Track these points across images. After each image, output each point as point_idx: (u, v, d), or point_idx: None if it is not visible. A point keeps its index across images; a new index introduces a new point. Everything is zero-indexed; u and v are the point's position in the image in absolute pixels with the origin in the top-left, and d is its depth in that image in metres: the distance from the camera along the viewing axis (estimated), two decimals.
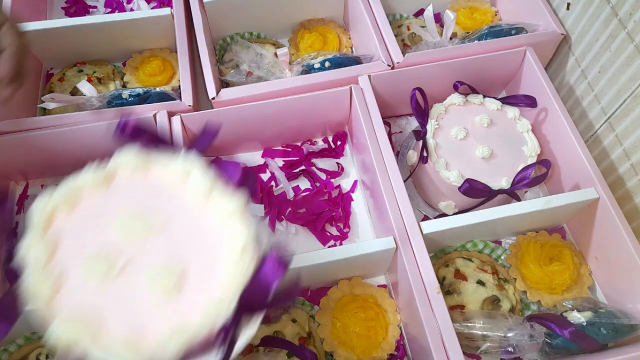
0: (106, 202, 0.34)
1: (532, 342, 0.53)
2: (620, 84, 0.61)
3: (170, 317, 0.30)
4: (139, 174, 0.35)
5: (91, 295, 0.30)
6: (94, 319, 0.29)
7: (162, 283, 0.31)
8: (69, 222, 0.33)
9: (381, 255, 0.56)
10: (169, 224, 0.33)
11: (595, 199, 0.58)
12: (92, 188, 0.34)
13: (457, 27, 0.81)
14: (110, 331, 0.29)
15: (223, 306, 0.29)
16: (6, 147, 0.61)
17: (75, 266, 0.31)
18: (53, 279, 0.30)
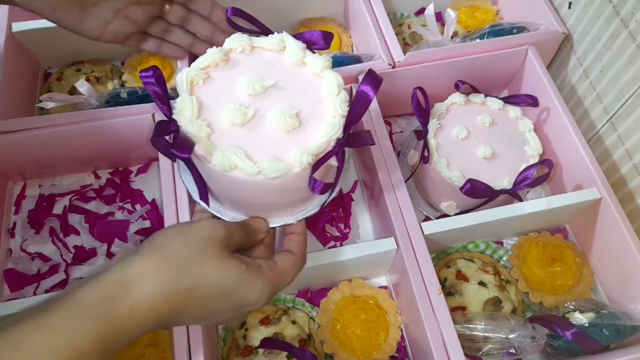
0: (228, 72, 0.43)
1: (534, 344, 0.53)
2: (623, 83, 0.60)
3: (297, 143, 0.40)
4: (247, 51, 0.44)
5: (235, 137, 0.39)
6: (242, 152, 0.38)
7: (286, 122, 0.40)
8: (205, 89, 0.41)
9: (382, 256, 0.55)
10: (278, 83, 0.43)
11: (597, 200, 0.58)
12: (215, 64, 0.43)
13: (458, 26, 0.80)
14: (255, 158, 0.38)
15: (334, 127, 0.40)
16: (4, 146, 0.60)
17: (217, 117, 0.40)
18: (205, 126, 0.39)
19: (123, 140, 0.64)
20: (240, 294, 0.37)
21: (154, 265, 0.35)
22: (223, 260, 0.37)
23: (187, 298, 0.35)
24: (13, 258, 0.64)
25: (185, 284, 0.35)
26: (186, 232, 0.37)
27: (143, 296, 0.33)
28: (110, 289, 0.33)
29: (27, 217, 0.67)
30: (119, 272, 0.34)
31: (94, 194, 0.69)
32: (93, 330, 0.31)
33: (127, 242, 0.65)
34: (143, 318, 0.33)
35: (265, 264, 0.40)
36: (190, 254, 0.36)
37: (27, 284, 0.62)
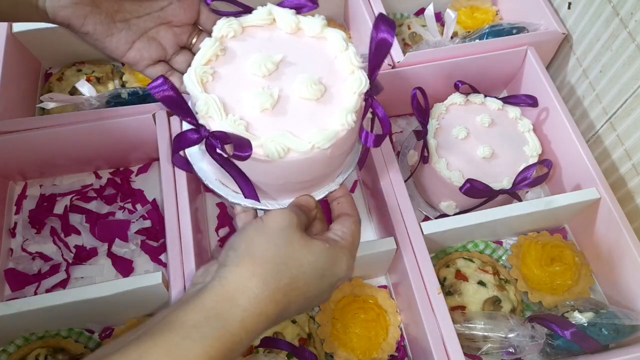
0: (232, 62, 0.41)
1: (533, 343, 0.53)
2: (622, 83, 0.60)
3: (332, 107, 0.39)
4: (239, 34, 0.43)
5: (272, 122, 0.39)
6: (289, 134, 0.38)
7: (314, 90, 0.39)
8: (217, 85, 0.40)
9: (382, 256, 0.56)
10: (286, 57, 0.42)
11: (596, 199, 0.58)
12: (215, 56, 0.41)
13: (458, 27, 0.80)
14: (302, 135, 0.38)
15: (360, 82, 0.40)
16: (5, 146, 0.61)
17: (245, 108, 0.39)
18: (239, 119, 0.38)
19: (124, 140, 0.64)
20: (333, 272, 0.38)
21: (251, 271, 0.35)
22: (309, 244, 0.37)
23: (289, 292, 0.36)
24: (14, 258, 0.64)
25: (285, 279, 0.35)
26: (264, 229, 0.37)
27: (250, 304, 0.33)
28: (216, 306, 0.33)
29: (28, 217, 0.67)
30: (219, 288, 0.34)
31: (95, 193, 0.69)
32: (205, 350, 0.31)
33: (128, 241, 0.65)
34: (254, 325, 0.34)
35: (336, 236, 0.40)
36: (279, 250, 0.36)
37: (28, 284, 0.62)
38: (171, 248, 0.52)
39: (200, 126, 0.38)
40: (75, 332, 0.58)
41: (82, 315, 0.55)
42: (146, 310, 0.57)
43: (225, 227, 0.67)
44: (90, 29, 0.40)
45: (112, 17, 0.41)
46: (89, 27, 0.40)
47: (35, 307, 0.49)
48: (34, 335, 0.56)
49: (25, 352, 0.55)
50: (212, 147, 0.37)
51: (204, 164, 0.45)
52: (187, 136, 0.38)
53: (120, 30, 0.42)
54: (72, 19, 0.40)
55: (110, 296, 0.50)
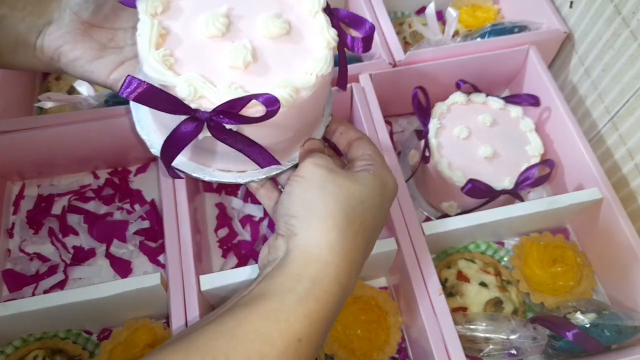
0: (182, 11, 0.37)
1: (535, 344, 0.52)
2: (624, 82, 0.60)
3: (302, 54, 0.36)
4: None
5: (238, 75, 0.34)
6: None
7: (279, 26, 0.36)
8: (172, 13, 0.36)
9: (382, 257, 0.55)
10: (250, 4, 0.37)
11: (599, 199, 0.58)
12: (161, 11, 0.36)
13: (459, 25, 0.80)
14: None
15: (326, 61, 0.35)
16: (2, 146, 0.60)
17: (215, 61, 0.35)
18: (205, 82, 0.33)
19: (122, 140, 0.63)
20: (387, 194, 0.38)
21: (325, 228, 0.34)
22: (356, 179, 0.36)
23: (365, 230, 0.35)
24: (12, 258, 0.64)
25: (357, 220, 0.35)
26: (310, 185, 0.35)
27: (340, 258, 0.33)
28: (307, 269, 0.33)
29: (25, 218, 0.67)
30: (303, 254, 0.33)
31: (93, 194, 0.68)
32: (305, 312, 0.31)
33: (126, 242, 0.65)
34: (348, 278, 0.34)
35: (366, 162, 0.39)
36: (336, 196, 0.35)
37: (25, 285, 0.62)
38: (170, 249, 0.52)
39: (196, 111, 0.32)
40: (73, 333, 0.57)
41: (80, 317, 0.55)
42: (145, 311, 0.57)
43: (225, 228, 0.66)
44: (79, 54, 0.40)
45: (105, 45, 0.41)
46: (78, 52, 0.40)
47: (33, 308, 0.49)
48: (32, 336, 0.56)
49: (23, 353, 0.54)
50: (220, 129, 0.33)
51: (190, 162, 0.40)
52: (181, 132, 0.33)
53: (110, 54, 0.42)
54: (63, 45, 0.40)
55: (108, 297, 0.49)
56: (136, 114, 0.40)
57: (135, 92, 0.31)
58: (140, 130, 0.40)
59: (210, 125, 0.33)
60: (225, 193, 0.69)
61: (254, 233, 0.66)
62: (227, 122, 0.32)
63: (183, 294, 0.50)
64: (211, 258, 0.64)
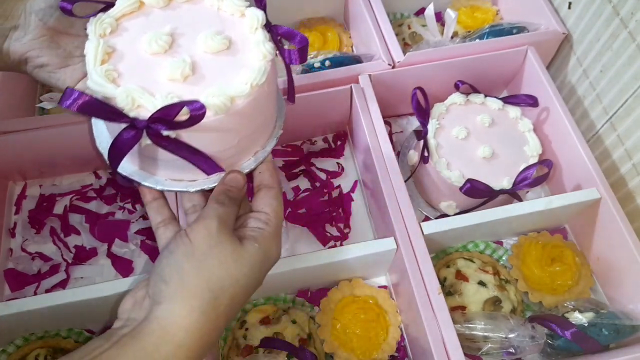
0: (166, 13, 0.40)
1: (533, 343, 0.53)
2: (622, 83, 0.60)
3: (238, 65, 0.37)
4: (136, 11, 0.40)
5: (179, 88, 0.36)
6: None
7: (219, 43, 0.38)
8: (132, 19, 0.39)
9: (382, 256, 0.56)
10: (191, 24, 0.40)
11: (596, 199, 0.58)
12: (128, 14, 0.40)
13: (458, 26, 0.80)
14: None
15: (260, 73, 0.37)
16: (4, 146, 0.61)
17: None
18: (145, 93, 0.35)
19: None
20: (266, 266, 0.38)
21: (189, 307, 0.34)
22: (240, 253, 0.36)
23: (229, 311, 0.36)
24: (14, 258, 0.64)
25: (224, 302, 0.35)
26: (193, 253, 0.35)
27: (194, 342, 0.33)
28: (157, 349, 0.32)
29: (27, 217, 0.67)
30: (158, 330, 0.33)
31: (95, 193, 0.69)
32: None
33: (128, 242, 0.65)
34: (198, 356, 0.34)
35: (261, 223, 0.39)
36: (212, 274, 0.35)
37: (27, 284, 0.62)
38: None
39: (134, 119, 0.34)
40: (75, 332, 0.58)
41: (82, 316, 0.55)
42: None
43: None
44: (45, 60, 0.41)
45: (71, 53, 0.42)
46: (45, 59, 0.41)
47: (34, 307, 0.49)
48: (34, 335, 0.56)
49: (24, 352, 0.55)
50: (158, 135, 0.34)
51: (142, 171, 0.42)
52: (122, 139, 0.35)
53: (77, 63, 0.42)
54: (29, 51, 0.40)
55: (110, 296, 0.50)
56: (96, 127, 0.42)
57: (76, 104, 0.33)
58: (99, 144, 0.42)
59: (149, 132, 0.34)
60: None
61: None
62: (162, 129, 0.34)
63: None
64: None
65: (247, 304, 0.59)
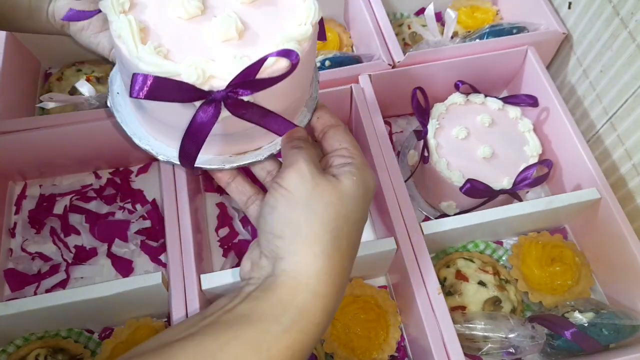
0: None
1: (533, 343, 0.53)
2: (622, 83, 0.60)
3: (239, 51, 0.32)
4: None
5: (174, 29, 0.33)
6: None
7: (228, 30, 0.33)
8: (137, 7, 0.34)
9: (382, 256, 0.56)
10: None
11: (597, 199, 0.58)
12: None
13: (458, 26, 0.80)
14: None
15: None
16: (4, 146, 0.61)
17: None
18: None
19: (123, 140, 0.64)
20: (368, 196, 0.36)
21: (312, 253, 0.32)
22: (339, 189, 0.34)
23: (350, 249, 0.34)
24: (14, 258, 0.64)
25: (342, 240, 0.33)
26: (295, 200, 0.33)
27: (328, 287, 0.32)
28: (295, 299, 0.31)
29: (27, 217, 0.67)
30: (290, 281, 0.32)
31: (95, 193, 0.69)
32: (287, 344, 0.30)
33: (128, 242, 0.65)
34: (334, 306, 0.33)
35: (347, 158, 0.37)
36: (322, 216, 0.33)
37: (27, 284, 0.62)
38: (171, 248, 0.52)
39: (210, 92, 0.30)
40: (75, 332, 0.58)
41: (82, 316, 0.55)
42: (146, 310, 0.57)
43: (225, 227, 0.67)
44: (85, 24, 0.42)
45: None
46: (84, 23, 0.41)
47: (34, 307, 0.49)
48: (34, 335, 0.56)
49: (24, 352, 0.55)
50: (238, 104, 0.31)
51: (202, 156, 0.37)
52: (200, 121, 0.31)
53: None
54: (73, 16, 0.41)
55: (110, 296, 0.50)
56: (128, 127, 0.38)
57: (145, 89, 0.29)
58: (140, 142, 0.38)
59: (228, 103, 0.31)
60: (226, 193, 0.69)
61: (255, 233, 0.66)
62: (246, 94, 0.31)
63: (184, 293, 0.50)
64: (212, 257, 0.64)
65: None
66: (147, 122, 0.37)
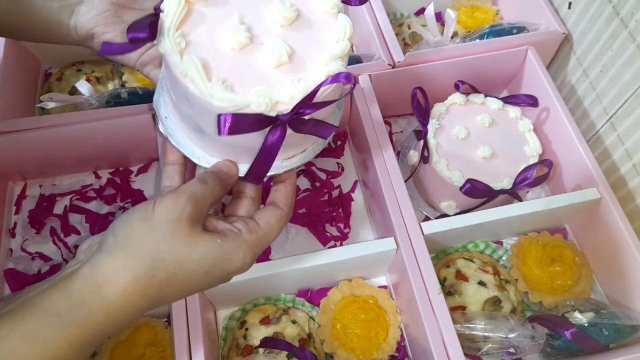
0: (214, 4, 0.38)
1: (533, 343, 0.53)
2: (622, 83, 0.60)
3: (292, 73, 0.36)
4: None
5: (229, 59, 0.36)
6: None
7: (290, 13, 0.37)
8: (191, 24, 0.37)
9: (382, 256, 0.56)
10: None
11: (596, 199, 0.58)
12: (183, 19, 0.37)
13: (458, 26, 0.80)
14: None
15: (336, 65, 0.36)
16: (4, 146, 0.61)
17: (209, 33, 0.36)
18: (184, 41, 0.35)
19: (123, 140, 0.64)
20: (221, 267, 0.37)
21: (123, 264, 0.34)
22: (195, 240, 0.35)
23: (165, 287, 0.35)
24: (14, 258, 0.64)
25: (160, 274, 0.34)
26: (149, 219, 0.35)
27: (117, 296, 0.33)
28: (82, 295, 0.33)
29: (27, 217, 0.67)
30: (88, 277, 0.33)
31: (95, 193, 0.69)
32: (65, 337, 0.31)
33: None
34: (122, 316, 0.34)
35: (244, 226, 0.38)
36: (158, 244, 0.34)
37: (27, 284, 0.62)
38: None
39: (277, 117, 0.34)
40: None
41: None
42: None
43: None
44: (111, 37, 0.42)
45: None
46: (110, 35, 0.42)
47: None
48: None
49: None
50: (300, 122, 0.35)
51: None
52: (270, 143, 0.35)
53: None
54: (95, 27, 0.42)
55: None
56: (185, 149, 0.41)
57: (227, 126, 0.33)
58: (199, 162, 0.41)
59: (292, 123, 0.35)
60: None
61: None
62: (308, 114, 0.34)
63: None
64: None
65: (248, 303, 0.59)
66: (208, 145, 0.40)
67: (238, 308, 0.60)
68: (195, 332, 0.49)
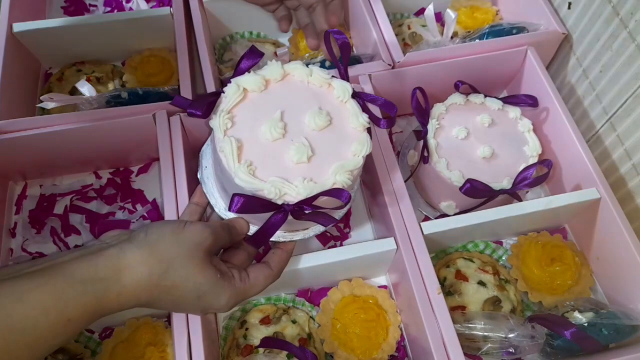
0: (267, 97, 0.47)
1: (533, 343, 0.53)
2: (622, 83, 0.60)
3: (307, 172, 0.44)
4: (281, 79, 0.48)
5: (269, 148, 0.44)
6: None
7: (322, 122, 0.45)
8: (242, 108, 0.46)
9: (382, 256, 0.56)
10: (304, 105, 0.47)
11: (596, 199, 0.58)
12: (255, 89, 0.46)
13: (458, 27, 0.80)
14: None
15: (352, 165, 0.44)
16: (5, 146, 0.61)
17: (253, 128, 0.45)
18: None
19: (124, 141, 0.64)
20: (209, 299, 0.42)
21: (146, 259, 0.39)
22: (204, 267, 0.41)
23: (164, 293, 0.40)
24: (14, 258, 0.64)
25: (167, 281, 0.40)
26: (179, 233, 0.42)
27: (131, 284, 0.38)
28: (105, 271, 0.38)
29: (28, 217, 0.67)
30: (114, 258, 0.39)
31: (95, 193, 0.69)
32: (83, 302, 0.36)
33: None
34: (126, 301, 0.39)
35: (238, 274, 0.44)
36: (179, 256, 0.40)
37: None
38: None
39: (282, 206, 0.42)
40: None
41: None
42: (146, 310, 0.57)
43: None
44: None
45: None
46: None
47: None
48: None
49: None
50: (300, 213, 0.42)
51: None
52: (272, 222, 0.43)
53: None
54: None
55: None
56: (212, 198, 0.50)
57: (238, 205, 0.41)
58: (218, 212, 0.51)
59: (294, 212, 0.42)
60: None
61: None
62: (307, 210, 0.42)
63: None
64: None
65: (247, 303, 0.59)
66: (228, 202, 0.45)
67: (238, 308, 0.60)
68: (195, 332, 0.49)
